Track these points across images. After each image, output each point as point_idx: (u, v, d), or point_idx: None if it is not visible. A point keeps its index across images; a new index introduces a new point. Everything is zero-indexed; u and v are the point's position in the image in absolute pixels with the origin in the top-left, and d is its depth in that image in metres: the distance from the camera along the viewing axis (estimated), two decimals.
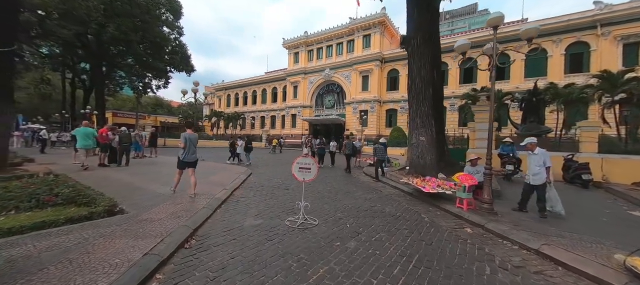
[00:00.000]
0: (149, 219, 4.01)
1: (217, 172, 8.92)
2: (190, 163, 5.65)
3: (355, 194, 6.86)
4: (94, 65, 30.04)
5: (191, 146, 5.66)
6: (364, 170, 11.79)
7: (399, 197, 6.75)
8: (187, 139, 5.64)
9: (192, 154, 5.66)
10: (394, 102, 33.61)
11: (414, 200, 6.36)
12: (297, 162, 4.41)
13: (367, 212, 5.22)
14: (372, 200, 6.24)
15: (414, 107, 8.25)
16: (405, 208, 5.63)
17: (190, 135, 5.76)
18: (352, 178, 9.81)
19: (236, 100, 51.79)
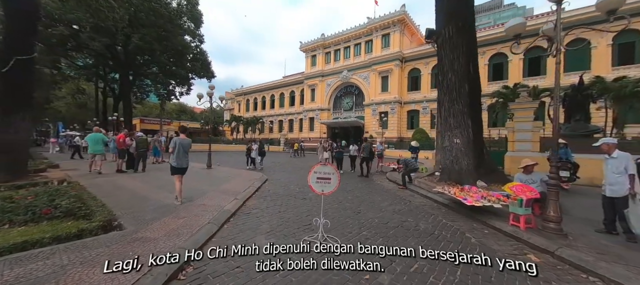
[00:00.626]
0: (145, 237, 3.49)
1: (230, 180, 8.46)
2: (181, 169, 5.42)
3: (381, 205, 6.03)
4: (122, 74, 31.62)
5: (182, 152, 5.40)
6: (388, 175, 10.85)
7: (433, 209, 5.82)
8: (178, 143, 5.35)
9: (183, 160, 5.42)
10: (415, 102, 32.09)
11: (451, 214, 5.42)
12: (315, 171, 3.70)
13: (398, 229, 4.39)
14: (401, 213, 5.38)
15: (446, 105, 7.27)
16: (443, 224, 4.73)
17: (181, 140, 5.45)
18: (375, 184, 8.95)
19: (255, 105, 52.44)
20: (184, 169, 5.50)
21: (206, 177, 9.13)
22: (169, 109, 68.11)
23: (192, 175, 9.36)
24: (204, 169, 11.10)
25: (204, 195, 6.10)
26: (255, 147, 12.53)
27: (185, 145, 5.52)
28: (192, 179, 8.39)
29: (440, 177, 7.60)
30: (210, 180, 8.42)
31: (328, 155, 11.69)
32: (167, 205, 5.17)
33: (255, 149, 12.48)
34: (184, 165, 5.44)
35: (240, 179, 8.71)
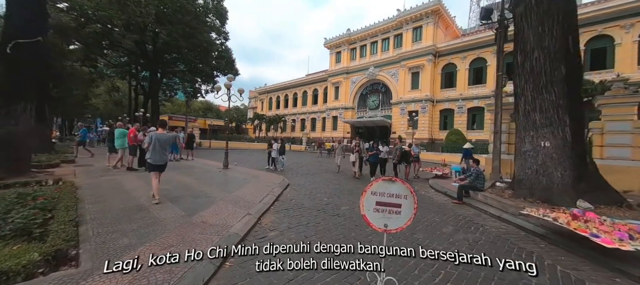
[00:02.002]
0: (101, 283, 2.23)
1: (246, 184, 7.22)
2: (158, 166, 4.98)
3: (444, 231, 4.38)
4: (151, 72, 32.42)
5: (158, 147, 4.94)
6: (430, 183, 9.05)
7: (523, 241, 4.06)
8: (154, 139, 4.89)
9: (160, 156, 4.99)
10: (450, 101, 29.30)
11: (558, 251, 3.65)
12: (372, 191, 2.18)
13: (500, 283, 2.75)
14: (482, 248, 3.71)
15: (529, 95, 5.39)
16: (563, 274, 3.00)
17: (159, 135, 4.98)
18: (419, 196, 7.23)
19: (277, 103, 52.02)
20: (161, 166, 5.07)
21: (220, 179, 7.99)
22: (196, 106, 70.22)
23: (205, 176, 8.29)
24: (219, 169, 10.06)
25: (210, 205, 4.85)
26: (276, 146, 11.30)
27: (163, 140, 5.06)
28: (204, 182, 7.27)
29: (516, 191, 5.72)
30: (223, 183, 7.24)
31: (355, 158, 9.83)
32: (158, 220, 3.95)
33: (276, 148, 11.26)
34: (160, 161, 5.01)
35: (258, 183, 7.43)
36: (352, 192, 7.16)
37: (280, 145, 12.03)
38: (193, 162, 12.69)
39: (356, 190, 7.56)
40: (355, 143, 10.06)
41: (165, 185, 6.55)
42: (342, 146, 11.63)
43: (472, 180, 6.33)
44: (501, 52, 9.11)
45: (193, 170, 9.55)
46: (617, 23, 21.20)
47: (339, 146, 11.71)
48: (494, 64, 26.40)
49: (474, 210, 5.78)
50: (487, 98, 26.65)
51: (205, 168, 10.34)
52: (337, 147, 11.78)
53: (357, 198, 6.53)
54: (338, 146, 11.78)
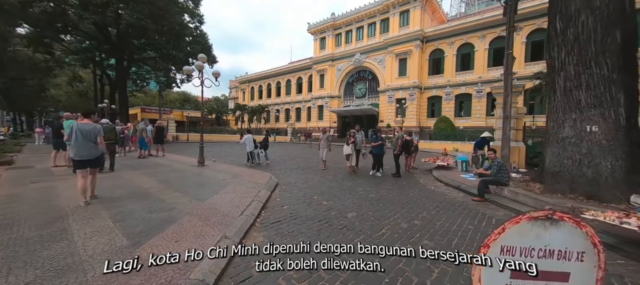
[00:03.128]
0: None
1: (224, 186, 5.85)
2: (83, 162, 4.29)
3: (482, 241, 3.36)
4: (117, 59, 29.26)
5: (81, 139, 4.26)
6: (435, 174, 8.13)
7: None
8: (75, 130, 4.24)
9: (84, 150, 4.29)
10: (437, 87, 28.86)
11: None
12: (502, 243, 0.99)
13: None
14: None
15: (572, 70, 4.43)
16: None
17: (81, 126, 4.29)
18: (428, 191, 6.25)
19: (260, 93, 49.72)
20: (88, 161, 4.34)
21: (192, 180, 6.56)
22: (172, 98, 66.04)
23: (173, 177, 6.80)
24: (194, 167, 8.56)
25: (169, 223, 3.50)
26: (248, 137, 9.85)
27: (87, 131, 4.34)
28: (170, 185, 5.83)
29: (550, 185, 4.83)
30: (195, 186, 5.84)
31: (351, 151, 8.38)
32: (73, 265, 2.58)
33: (250, 140, 9.78)
34: (86, 156, 4.31)
35: (240, 184, 6.09)
36: (354, 191, 6.03)
37: (264, 137, 10.66)
38: (163, 158, 11.02)
39: (357, 187, 6.44)
40: (349, 133, 8.62)
41: (116, 192, 5.07)
42: (327, 137, 9.39)
43: (494, 174, 5.38)
44: (511, 27, 8.15)
45: (160, 169, 8.00)
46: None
47: (323, 136, 9.33)
48: (482, 49, 26.08)
49: (503, 210, 4.84)
50: (474, 85, 26.44)
51: (175, 166, 8.79)
52: (322, 137, 9.35)
53: (361, 198, 5.40)
54: (323, 136, 9.33)
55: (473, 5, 49.15)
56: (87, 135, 4.34)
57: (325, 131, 9.68)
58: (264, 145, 10.57)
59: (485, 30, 25.67)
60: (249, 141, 9.84)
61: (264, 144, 10.56)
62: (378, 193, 5.95)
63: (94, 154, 4.45)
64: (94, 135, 4.42)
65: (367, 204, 5.04)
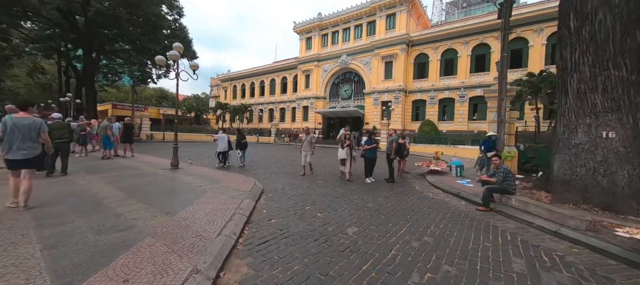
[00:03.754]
0: None
1: (199, 195, 5.00)
2: (16, 162, 3.64)
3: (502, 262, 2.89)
4: (84, 50, 26.84)
5: (17, 136, 3.63)
6: (429, 179, 7.73)
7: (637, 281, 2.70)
8: (9, 125, 3.57)
9: (18, 149, 3.63)
10: (422, 91, 29.16)
11: None
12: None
13: None
14: None
15: (587, 71, 4.12)
16: None
17: (18, 120, 3.59)
18: (426, 199, 5.78)
19: (243, 92, 48.14)
20: (20, 161, 3.68)
21: (161, 187, 5.64)
22: (148, 94, 62.49)
23: (138, 183, 5.84)
24: (166, 170, 7.56)
25: (125, 247, 2.68)
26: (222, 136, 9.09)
27: (25, 127, 3.68)
28: (133, 193, 4.89)
29: (559, 194, 4.49)
30: (164, 195, 4.95)
31: (346, 155, 7.53)
32: None
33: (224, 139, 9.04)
34: (18, 156, 3.66)
35: (218, 192, 5.27)
36: (349, 200, 5.42)
37: (239, 135, 9.79)
38: (131, 160, 9.83)
39: (351, 195, 5.84)
40: (344, 134, 7.87)
41: (61, 203, 4.09)
42: (311, 138, 8.19)
43: (500, 181, 4.99)
44: (507, 30, 7.98)
45: (125, 173, 6.94)
46: None
47: (306, 138, 8.09)
48: (464, 55, 26.63)
49: (513, 221, 4.42)
50: (457, 89, 26.96)
51: (144, 169, 7.73)
52: (305, 139, 8.11)
53: (359, 208, 4.79)
54: (306, 138, 8.09)
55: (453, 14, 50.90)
56: (25, 131, 3.70)
57: (309, 132, 8.50)
58: (241, 145, 9.73)
59: (469, 36, 26.27)
60: (222, 141, 9.04)
61: (240, 144, 9.72)
62: (376, 202, 5.38)
63: (30, 153, 3.63)
64: (34, 132, 3.57)
65: (367, 215, 4.44)
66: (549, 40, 22.29)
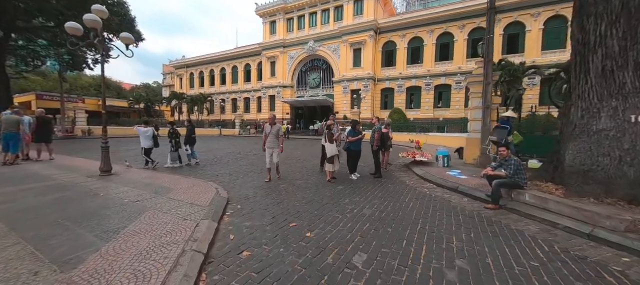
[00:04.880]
0: None
1: (135, 217, 3.49)
2: None
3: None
4: None
5: None
6: (420, 173, 7.06)
7: None
8: None
9: None
10: (390, 79, 29.21)
11: None
12: None
13: None
14: None
15: (615, 45, 3.53)
16: None
17: None
18: (422, 195, 5.02)
19: (201, 80, 43.94)
20: None
21: (78, 209, 3.95)
22: (84, 82, 53.86)
23: (44, 202, 4.04)
24: (92, 178, 5.68)
25: None
26: (144, 130, 7.40)
27: None
28: (26, 226, 3.19)
29: (577, 187, 3.98)
30: (77, 223, 3.33)
31: (337, 150, 6.21)
32: None
33: (148, 134, 7.37)
34: None
35: (162, 210, 3.79)
36: (339, 205, 4.37)
37: (189, 128, 8.15)
38: (47, 164, 7.53)
39: (340, 198, 4.80)
40: (328, 125, 6.38)
41: None
42: (278, 130, 6.11)
43: (511, 175, 4.36)
44: (493, 10, 7.47)
45: (28, 188, 4.95)
46: None
47: (271, 130, 6.05)
48: (430, 44, 27.00)
49: (533, 222, 3.79)
50: (423, 78, 27.43)
51: (60, 179, 5.73)
52: (269, 131, 6.07)
53: (356, 218, 3.74)
54: (270, 130, 6.06)
55: (413, 5, 52.07)
56: None
57: (274, 121, 6.12)
58: (191, 140, 8.13)
59: (433, 25, 26.65)
60: (144, 136, 7.27)
61: (190, 139, 8.12)
62: (372, 205, 4.41)
63: None
64: None
65: (370, 229, 3.43)
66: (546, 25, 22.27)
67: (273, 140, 6.08)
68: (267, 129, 6.09)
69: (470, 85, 8.70)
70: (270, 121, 6.13)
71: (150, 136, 7.28)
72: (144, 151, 7.38)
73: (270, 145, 6.10)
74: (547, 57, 21.91)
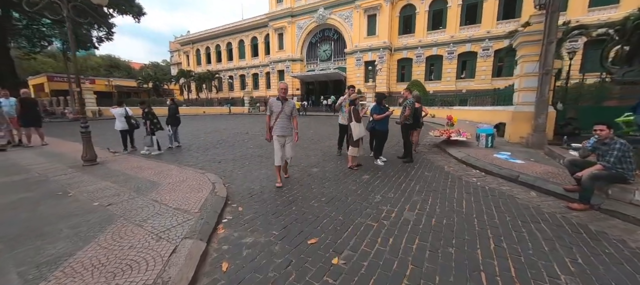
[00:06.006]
0: None
1: (94, 236, 2.56)
2: None
3: None
4: None
5: None
6: (459, 156, 5.84)
7: None
8: None
9: None
10: (408, 49, 26.82)
11: None
12: None
13: None
14: None
15: None
16: None
17: None
18: (485, 193, 3.88)
19: (208, 57, 42.56)
20: None
21: (33, 217, 3.08)
22: (94, 63, 53.76)
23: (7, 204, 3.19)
24: (73, 170, 4.85)
25: None
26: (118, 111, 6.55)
27: None
28: None
29: None
30: (20, 242, 2.45)
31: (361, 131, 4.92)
32: None
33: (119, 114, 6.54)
34: None
35: (132, 221, 2.84)
36: (371, 206, 3.34)
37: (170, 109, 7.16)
38: (34, 151, 6.82)
39: (369, 195, 3.74)
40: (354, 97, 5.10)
41: None
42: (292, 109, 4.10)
43: (614, 164, 3.10)
44: None
45: None
46: None
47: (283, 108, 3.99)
48: (455, 5, 24.04)
49: None
50: (446, 45, 24.88)
51: (34, 170, 4.93)
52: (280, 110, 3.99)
53: (400, 229, 2.61)
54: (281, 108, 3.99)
55: None
56: None
57: (285, 96, 4.02)
58: (174, 120, 7.18)
59: None
60: (119, 117, 6.50)
61: (173, 119, 7.17)
62: (414, 206, 3.33)
63: None
64: None
65: (424, 251, 2.37)
66: None
67: (285, 124, 3.99)
68: (274, 106, 3.95)
69: (521, 46, 7.07)
70: (282, 95, 3.95)
71: (122, 116, 6.42)
72: (121, 134, 6.58)
73: (281, 131, 3.95)
74: (593, 15, 18.97)
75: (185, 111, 29.15)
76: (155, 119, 6.58)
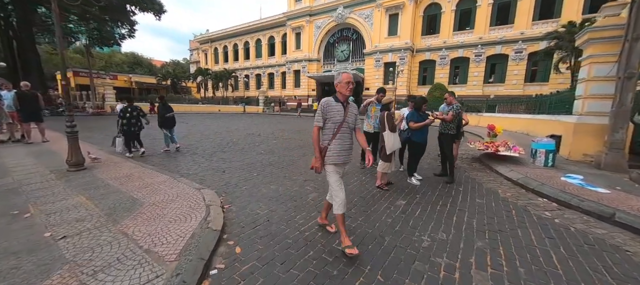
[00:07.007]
0: None
1: (39, 280, 1.77)
2: None
3: None
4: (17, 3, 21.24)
5: None
6: (513, 176, 4.69)
7: None
8: None
9: None
10: (431, 50, 25.31)
11: None
12: None
13: None
14: None
15: None
16: None
17: None
18: (575, 242, 2.79)
19: (225, 55, 42.71)
20: None
21: None
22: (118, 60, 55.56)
23: None
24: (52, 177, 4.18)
25: None
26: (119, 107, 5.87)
27: None
28: None
29: None
30: None
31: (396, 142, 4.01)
32: None
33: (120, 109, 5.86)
34: None
35: (74, 276, 2.01)
36: (411, 246, 2.35)
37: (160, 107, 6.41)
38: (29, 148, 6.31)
39: (410, 232, 2.75)
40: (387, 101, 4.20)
41: None
42: (355, 116, 2.46)
43: None
44: None
45: None
46: None
47: (345, 117, 2.36)
48: (485, 4, 22.27)
49: None
50: (473, 47, 23.17)
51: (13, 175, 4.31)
52: (341, 119, 2.35)
53: None
54: (343, 117, 2.35)
55: None
56: None
57: (347, 98, 2.40)
58: (166, 121, 6.46)
59: None
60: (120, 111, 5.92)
61: (165, 120, 6.45)
62: (480, 256, 2.31)
63: None
64: None
65: None
66: None
67: (348, 144, 2.42)
68: (333, 112, 2.33)
69: (588, 44, 5.79)
70: (347, 92, 2.36)
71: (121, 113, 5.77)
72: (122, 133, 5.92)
73: (344, 156, 2.40)
74: None
75: (200, 109, 29.09)
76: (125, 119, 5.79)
